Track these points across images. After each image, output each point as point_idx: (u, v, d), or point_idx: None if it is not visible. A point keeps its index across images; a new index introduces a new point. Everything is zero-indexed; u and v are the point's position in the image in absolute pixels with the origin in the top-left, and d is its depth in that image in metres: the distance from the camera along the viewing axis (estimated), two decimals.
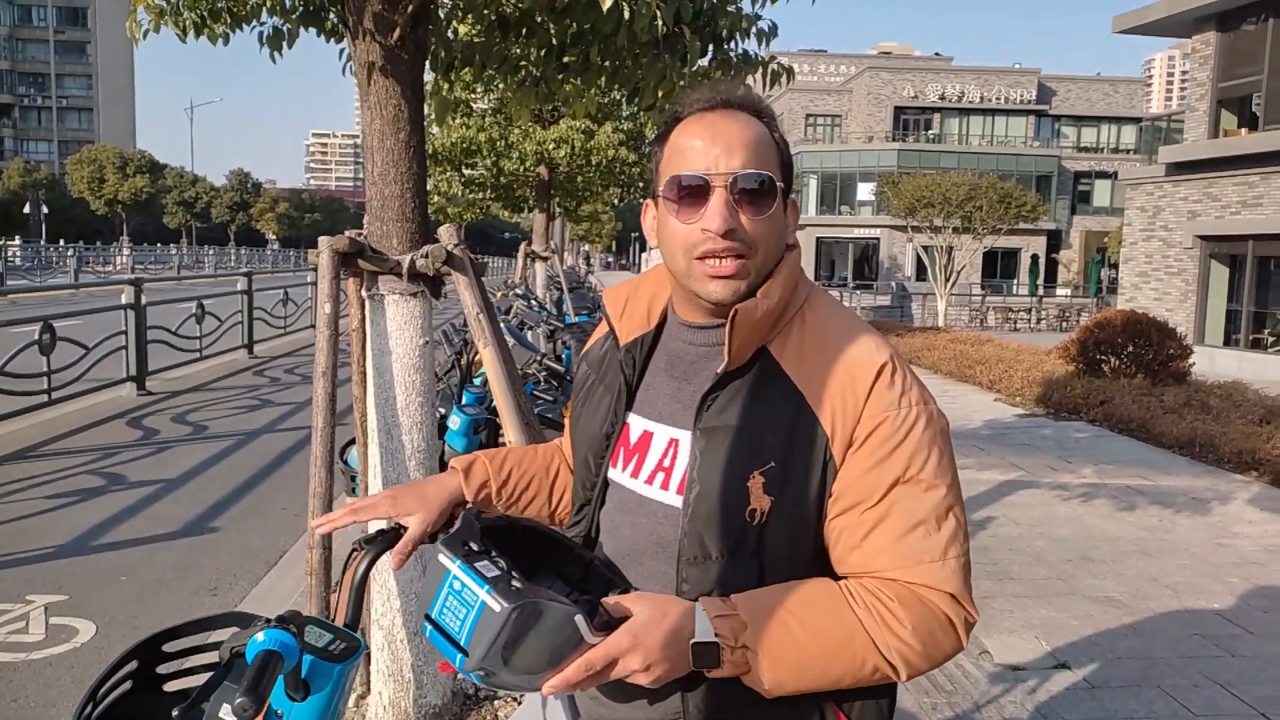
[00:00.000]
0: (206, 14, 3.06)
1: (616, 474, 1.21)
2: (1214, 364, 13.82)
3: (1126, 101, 47.49)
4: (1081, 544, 5.08)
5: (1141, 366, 10.04)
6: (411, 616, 2.79)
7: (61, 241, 48.76)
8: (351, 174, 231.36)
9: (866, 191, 42.56)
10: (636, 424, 1.20)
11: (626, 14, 2.58)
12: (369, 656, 2.87)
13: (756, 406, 1.08)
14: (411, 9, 2.61)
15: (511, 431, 2.81)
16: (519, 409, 2.80)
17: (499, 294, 8.97)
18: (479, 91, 10.65)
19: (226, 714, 1.17)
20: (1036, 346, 13.34)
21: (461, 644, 1.02)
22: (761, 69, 3.24)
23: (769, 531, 1.07)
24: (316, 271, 2.60)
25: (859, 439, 1.06)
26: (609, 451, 1.21)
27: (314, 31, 3.18)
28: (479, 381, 4.31)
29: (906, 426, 1.06)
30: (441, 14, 3.27)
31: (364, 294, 2.78)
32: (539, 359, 5.54)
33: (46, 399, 8.12)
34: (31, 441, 7.13)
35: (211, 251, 50.67)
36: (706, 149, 1.08)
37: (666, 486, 1.14)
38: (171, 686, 1.45)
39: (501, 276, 26.45)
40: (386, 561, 2.70)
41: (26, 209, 54.02)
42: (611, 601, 1.02)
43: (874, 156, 43.00)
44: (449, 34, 3.38)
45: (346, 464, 3.68)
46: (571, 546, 1.21)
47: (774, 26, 3.17)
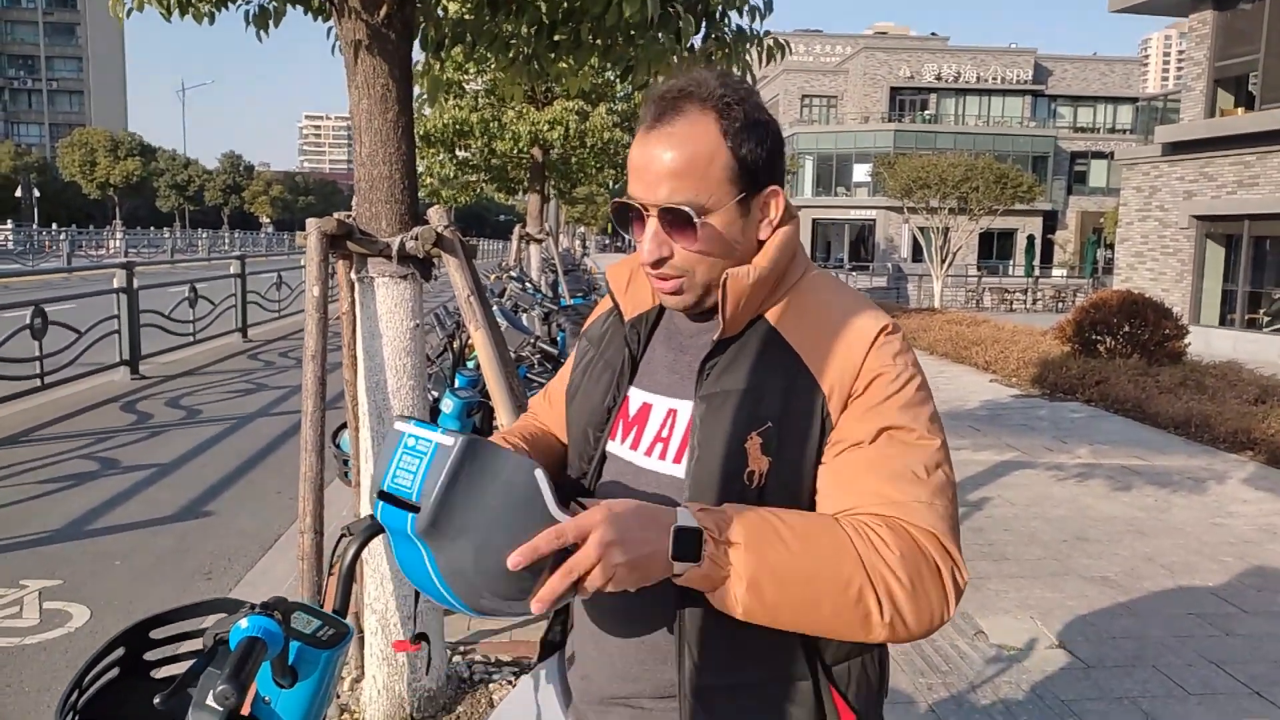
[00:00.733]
0: None
1: (615, 446, 1.21)
2: (1209, 344, 13.84)
3: (1123, 81, 47.33)
4: (1077, 524, 5.08)
5: (1137, 347, 10.04)
6: (405, 601, 2.77)
7: (54, 225, 48.52)
8: (345, 156, 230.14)
9: (862, 173, 42.45)
10: (636, 397, 1.21)
11: None
12: (363, 640, 2.86)
13: (754, 371, 1.09)
14: None
15: (504, 415, 2.79)
16: (511, 392, 2.78)
17: (494, 277, 8.92)
18: (471, 72, 10.55)
19: (210, 700, 1.16)
20: (1032, 327, 13.34)
21: (413, 499, 0.97)
22: (756, 44, 3.20)
23: (767, 494, 1.06)
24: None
25: (856, 392, 1.07)
26: (609, 424, 1.21)
27: (301, 9, 3.12)
28: (472, 365, 4.29)
29: (902, 381, 1.07)
30: None
31: (353, 277, 2.75)
32: (533, 341, 5.52)
33: (39, 384, 8.09)
34: (24, 426, 7.10)
35: (205, 235, 50.43)
36: (640, 175, 1.09)
37: (665, 456, 1.14)
38: (159, 673, 1.44)
39: (496, 259, 26.38)
40: (379, 546, 2.70)
41: (18, 192, 53.70)
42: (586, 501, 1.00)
43: (870, 137, 42.86)
44: (438, 11, 3.33)
45: (339, 448, 3.65)
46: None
47: (768, 2, 3.12)
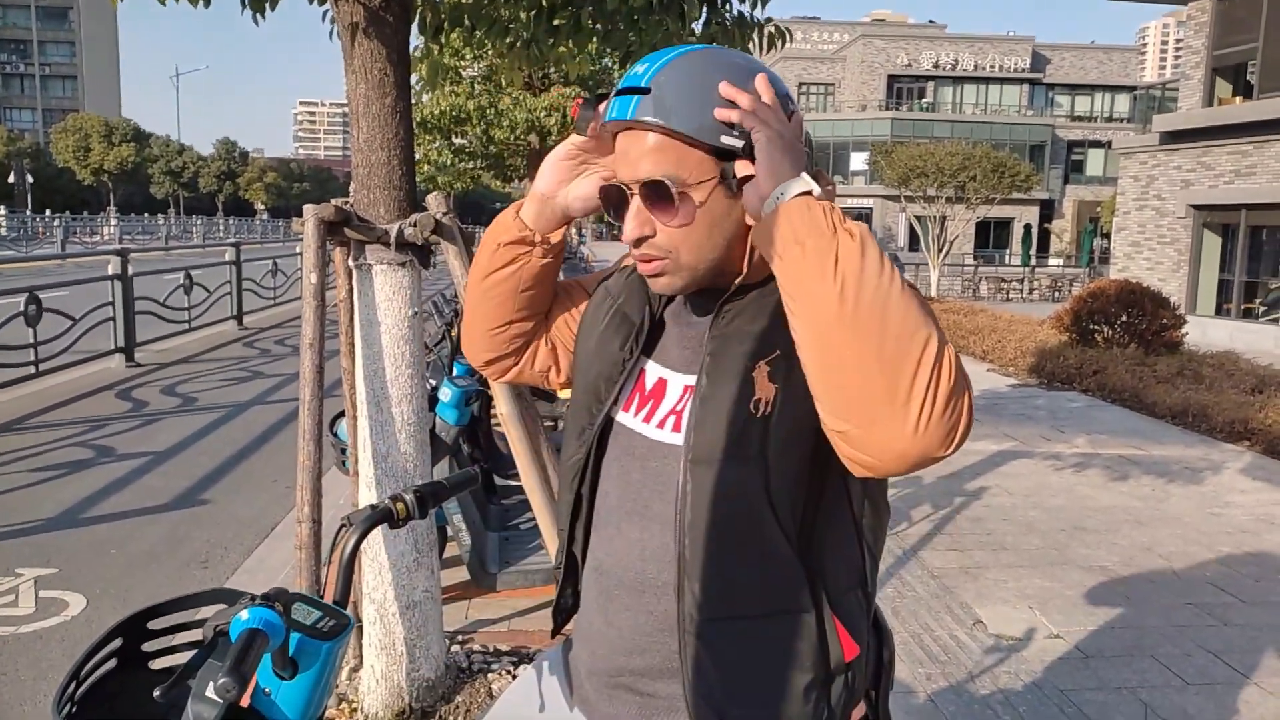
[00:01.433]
0: None
1: (626, 418, 1.19)
2: (1206, 334, 13.85)
3: (1120, 70, 47.26)
4: (1074, 514, 5.09)
5: (1135, 336, 10.05)
6: (404, 590, 2.76)
7: (48, 211, 48.30)
8: (340, 143, 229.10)
9: (859, 161, 42.37)
10: (652, 370, 1.19)
11: None
12: (361, 630, 2.85)
13: (766, 309, 1.08)
14: None
15: (503, 403, 2.77)
16: None
17: None
18: (468, 58, 10.49)
19: (212, 693, 1.15)
20: (1029, 316, 13.34)
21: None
22: (757, 31, 3.16)
23: (773, 424, 1.05)
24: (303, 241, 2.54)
25: None
26: (621, 380, 1.19)
27: None
28: None
29: None
30: None
31: (351, 264, 2.72)
32: None
33: (33, 371, 8.05)
34: (19, 414, 7.06)
35: (199, 221, 50.15)
36: (624, 157, 1.09)
37: (678, 429, 1.12)
38: (157, 664, 1.43)
39: None
40: (378, 535, 2.68)
41: (11, 178, 53.38)
42: None
43: (867, 126, 42.77)
44: None
45: (336, 436, 3.63)
46: None
47: None
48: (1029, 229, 33.41)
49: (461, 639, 3.33)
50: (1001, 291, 25.12)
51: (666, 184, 1.05)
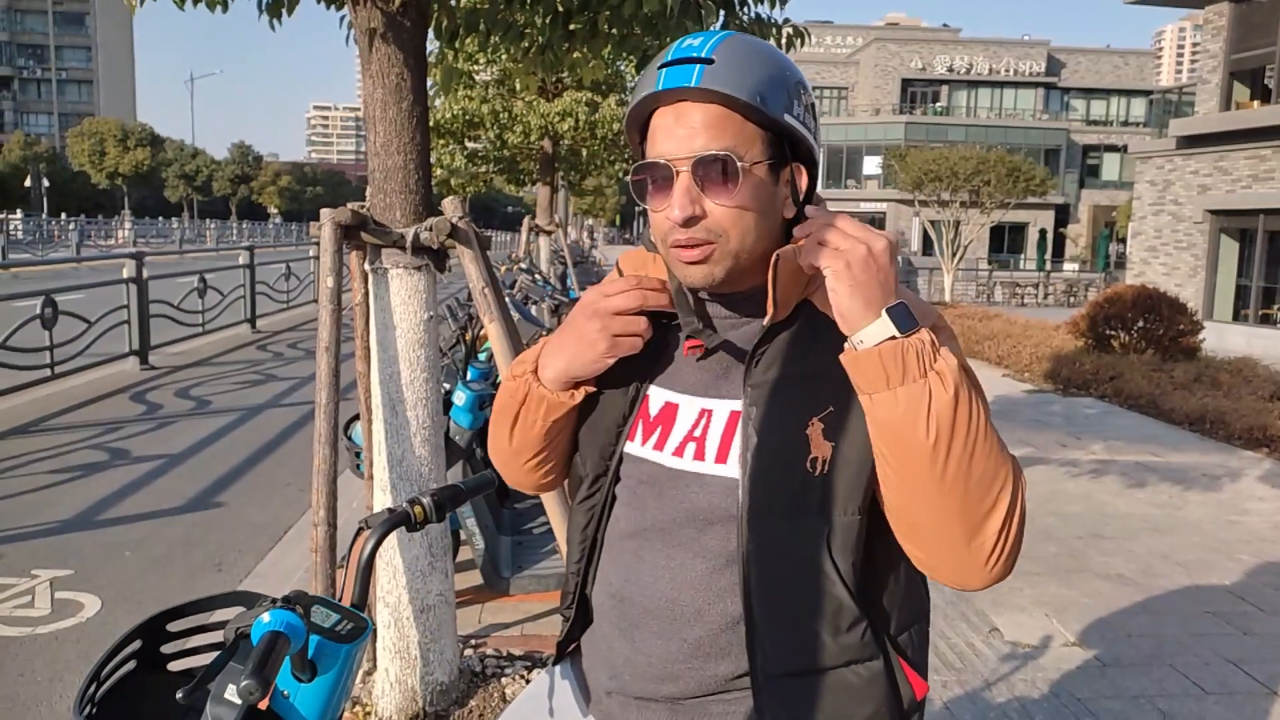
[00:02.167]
0: None
1: (634, 447, 1.16)
2: (1222, 340, 13.73)
3: (1136, 74, 47.00)
4: (1091, 521, 5.05)
5: (1152, 342, 9.97)
6: (418, 594, 2.76)
7: (63, 215, 48.69)
8: (353, 147, 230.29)
9: (873, 165, 42.30)
10: (656, 395, 1.15)
11: None
12: (375, 633, 2.85)
13: (807, 355, 1.04)
14: None
15: None
16: None
17: (503, 268, 8.90)
18: (481, 63, 10.51)
19: (231, 695, 1.14)
20: (1044, 321, 13.26)
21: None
22: (776, 31, 3.16)
23: (831, 482, 1.03)
24: (319, 245, 2.54)
25: None
26: (629, 422, 1.16)
27: None
28: (484, 357, 4.27)
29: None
30: None
31: (367, 268, 2.73)
32: (544, 333, 5.50)
33: (49, 373, 8.10)
34: (34, 416, 7.11)
35: (213, 225, 50.45)
36: (670, 132, 1.03)
37: (702, 456, 1.09)
38: (175, 666, 1.43)
39: (505, 251, 26.35)
40: (392, 539, 2.68)
41: (27, 182, 53.89)
42: None
43: (881, 129, 42.69)
44: (452, 0, 3.29)
45: (351, 440, 3.64)
46: None
47: None
48: (1044, 234, 33.25)
49: (475, 643, 3.32)
50: (1016, 296, 25.01)
51: (731, 158, 1.01)
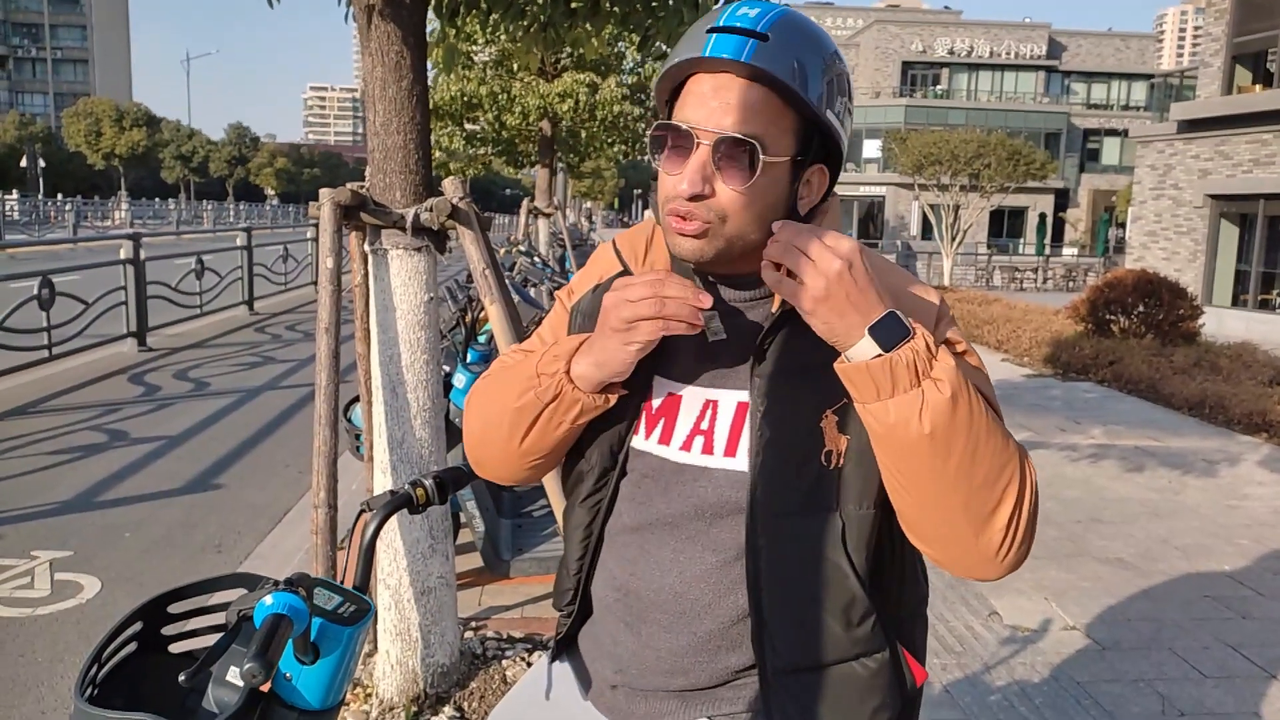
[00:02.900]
0: None
1: (639, 442, 1.12)
2: (1222, 325, 13.72)
3: (1138, 57, 46.74)
4: (1091, 505, 5.05)
5: (1151, 327, 9.96)
6: (418, 576, 2.75)
7: (59, 196, 48.46)
8: (350, 129, 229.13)
9: (873, 148, 42.13)
10: (658, 387, 1.11)
11: None
12: (376, 615, 2.85)
13: (818, 346, 0.99)
14: None
15: None
16: None
17: (502, 251, 8.86)
18: (480, 43, 10.44)
19: (234, 678, 1.14)
20: (1044, 306, 13.24)
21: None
22: None
23: (846, 475, 1.02)
24: (317, 226, 2.52)
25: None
26: (635, 417, 1.12)
27: None
28: (484, 339, 4.25)
29: (975, 358, 1.06)
30: None
31: (366, 249, 2.70)
32: (543, 316, 5.47)
33: (47, 355, 8.08)
34: (32, 397, 7.09)
35: (210, 206, 50.21)
36: (703, 100, 0.98)
37: (710, 450, 1.07)
38: (177, 648, 1.42)
39: (504, 233, 26.28)
40: (393, 521, 2.67)
41: (23, 162, 53.59)
42: None
43: (881, 112, 42.47)
44: None
45: (350, 422, 3.63)
46: None
47: None
48: (1044, 218, 33.18)
49: (475, 625, 3.33)
50: (1015, 281, 24.97)
51: (756, 147, 0.97)
